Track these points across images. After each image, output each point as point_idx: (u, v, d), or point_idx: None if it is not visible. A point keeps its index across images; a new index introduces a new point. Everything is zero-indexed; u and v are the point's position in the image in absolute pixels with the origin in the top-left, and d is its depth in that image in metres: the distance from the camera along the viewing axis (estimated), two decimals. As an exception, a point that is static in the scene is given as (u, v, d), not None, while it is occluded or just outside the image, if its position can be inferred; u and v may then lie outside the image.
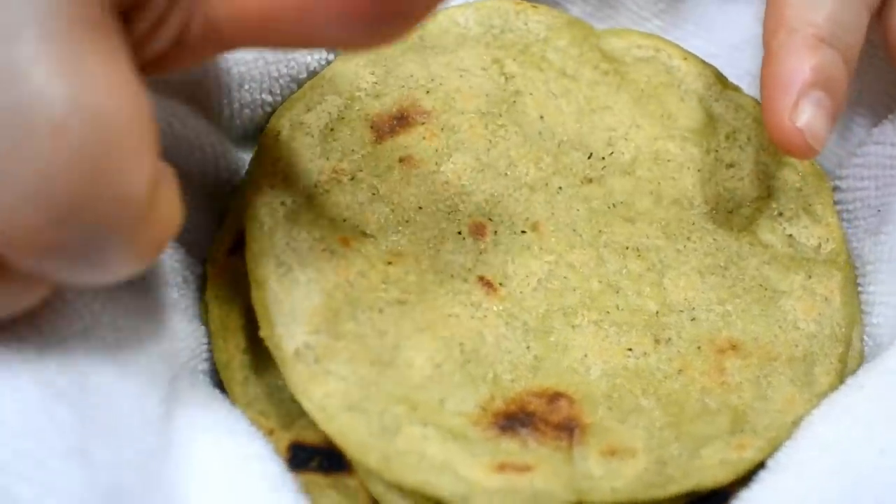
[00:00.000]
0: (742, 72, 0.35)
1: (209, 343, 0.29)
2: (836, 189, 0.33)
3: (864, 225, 0.32)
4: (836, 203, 0.33)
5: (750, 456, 0.26)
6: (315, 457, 0.27)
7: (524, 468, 0.25)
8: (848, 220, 0.33)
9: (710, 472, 0.26)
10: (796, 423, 0.27)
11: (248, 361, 0.28)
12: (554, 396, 0.26)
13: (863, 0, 0.29)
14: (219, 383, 0.28)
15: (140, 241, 0.21)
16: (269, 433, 0.27)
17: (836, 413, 0.26)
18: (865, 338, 0.31)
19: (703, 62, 0.34)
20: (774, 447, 0.26)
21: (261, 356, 0.28)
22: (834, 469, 0.25)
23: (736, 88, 0.33)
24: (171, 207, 0.22)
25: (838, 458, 0.25)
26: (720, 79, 0.33)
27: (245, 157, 0.33)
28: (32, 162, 0.19)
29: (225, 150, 0.32)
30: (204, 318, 0.29)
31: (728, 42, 0.36)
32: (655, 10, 0.36)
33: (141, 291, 0.27)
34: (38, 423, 0.22)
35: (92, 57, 0.19)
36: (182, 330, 0.28)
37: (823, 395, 0.28)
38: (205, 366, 0.29)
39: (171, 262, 0.29)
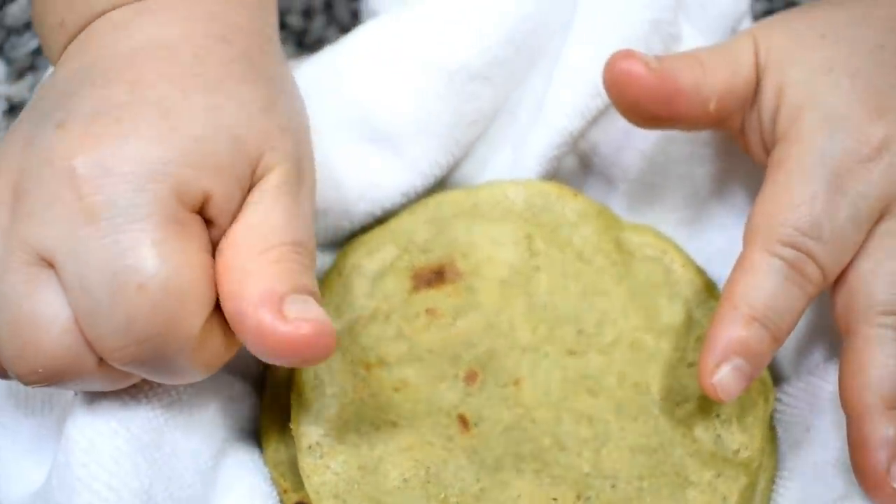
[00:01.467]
0: None
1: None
2: (779, 400, 0.40)
3: (794, 436, 0.39)
4: (777, 412, 0.40)
5: None
6: (310, 516, 0.37)
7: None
8: (784, 428, 0.40)
9: None
10: None
11: (282, 435, 0.39)
12: (483, 522, 0.36)
13: (802, 290, 0.35)
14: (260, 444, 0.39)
15: (195, 361, 0.32)
16: (284, 491, 0.38)
17: None
18: (765, 525, 0.38)
19: (700, 270, 0.41)
20: None
21: (291, 434, 0.38)
22: None
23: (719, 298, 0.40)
24: (222, 341, 0.33)
25: None
26: (709, 288, 0.40)
27: (324, 257, 0.42)
28: (123, 308, 0.30)
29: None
30: (264, 393, 0.40)
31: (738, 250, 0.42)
32: (684, 204, 0.43)
33: (214, 378, 0.37)
34: (123, 466, 0.33)
35: (172, 243, 0.30)
36: (241, 402, 0.39)
37: (689, 571, 0.35)
38: (254, 428, 0.40)
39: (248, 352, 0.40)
